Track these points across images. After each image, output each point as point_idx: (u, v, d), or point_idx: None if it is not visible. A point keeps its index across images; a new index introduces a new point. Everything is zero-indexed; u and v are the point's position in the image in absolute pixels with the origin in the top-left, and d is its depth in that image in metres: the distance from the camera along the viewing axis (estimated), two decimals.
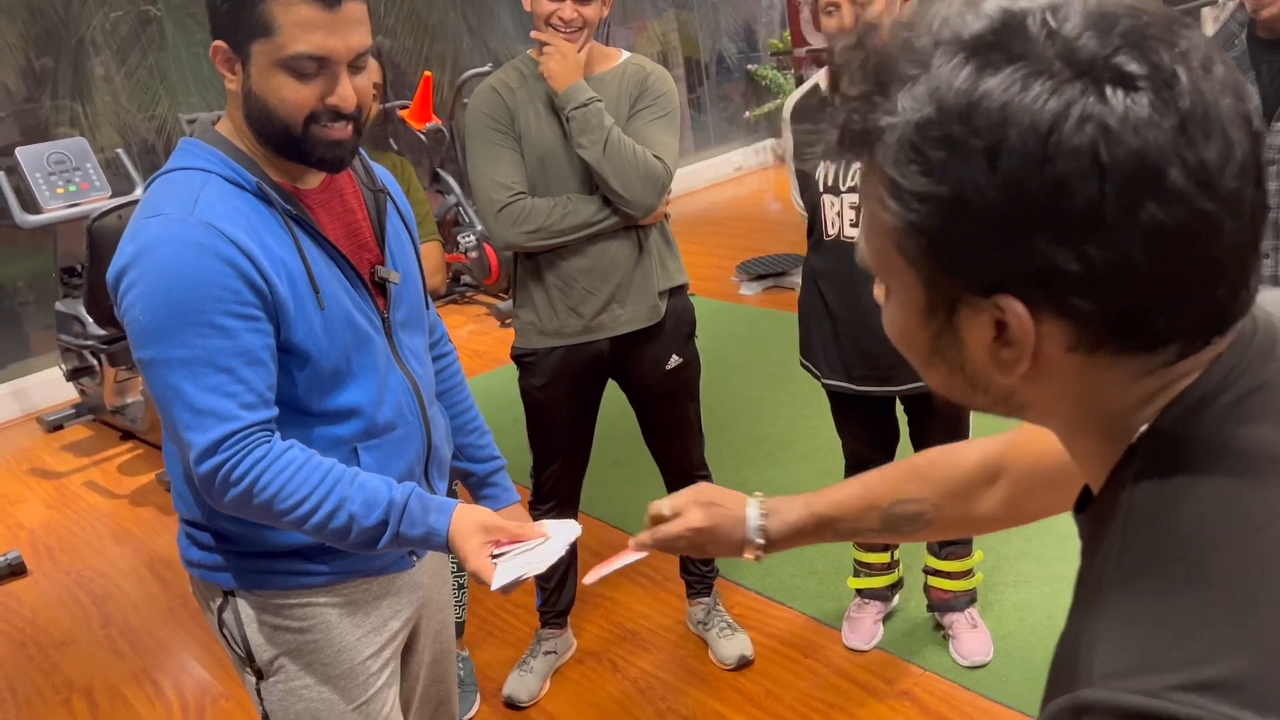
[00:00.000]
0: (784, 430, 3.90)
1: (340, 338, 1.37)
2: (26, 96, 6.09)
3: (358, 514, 1.30)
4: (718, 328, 5.07)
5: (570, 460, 2.54)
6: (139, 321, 1.23)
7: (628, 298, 2.36)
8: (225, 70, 1.31)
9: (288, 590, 1.45)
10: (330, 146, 1.32)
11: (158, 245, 1.23)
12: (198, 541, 1.45)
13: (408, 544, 1.35)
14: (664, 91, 2.34)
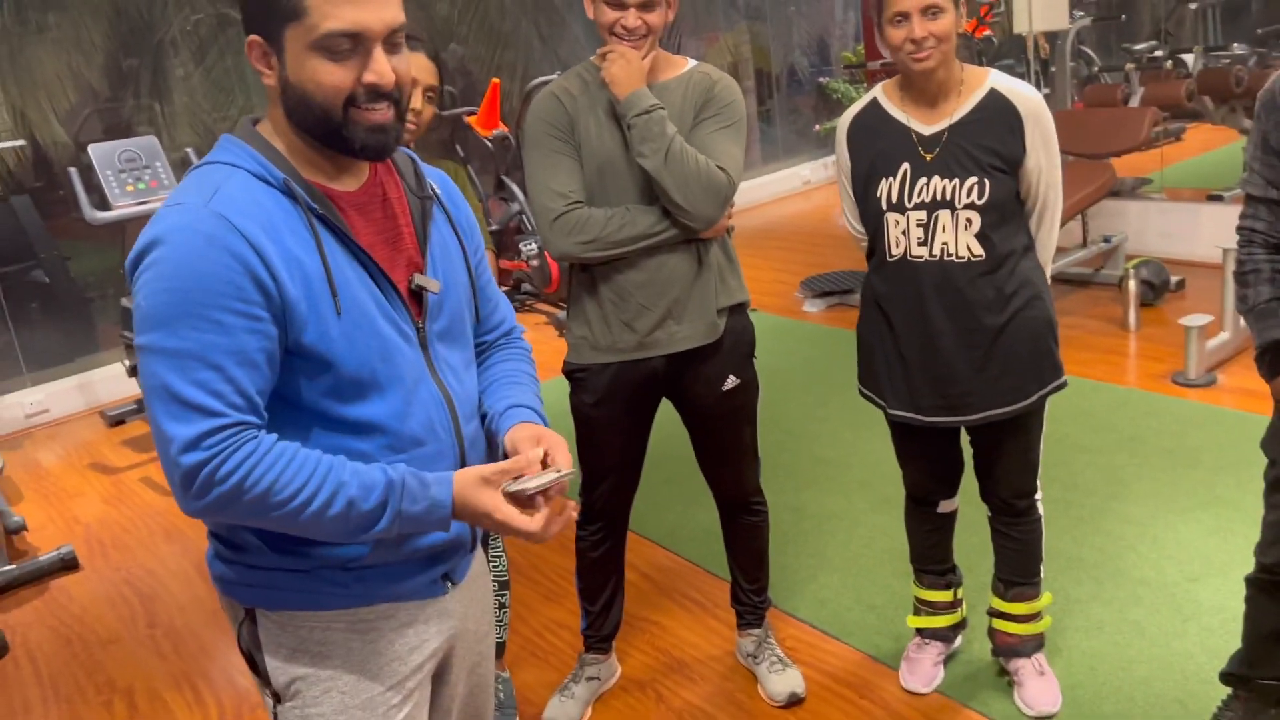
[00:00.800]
0: (843, 454, 3.76)
1: (362, 345, 1.30)
2: (110, 95, 6.20)
3: (356, 497, 1.24)
4: (779, 345, 4.95)
5: (620, 480, 2.45)
6: (141, 308, 1.21)
7: (685, 314, 2.27)
8: (262, 66, 1.28)
9: (308, 611, 1.38)
10: (372, 131, 1.28)
11: (170, 234, 1.20)
12: (221, 555, 1.39)
13: (413, 523, 1.29)
14: (730, 101, 2.25)
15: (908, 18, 2.00)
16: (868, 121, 2.20)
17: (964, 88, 2.10)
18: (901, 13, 2.01)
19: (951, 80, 2.10)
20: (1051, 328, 2.19)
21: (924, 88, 2.10)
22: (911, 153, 2.11)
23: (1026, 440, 2.24)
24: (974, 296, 2.11)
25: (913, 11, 1.99)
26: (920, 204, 2.11)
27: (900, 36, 2.02)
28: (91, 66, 6.02)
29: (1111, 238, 5.14)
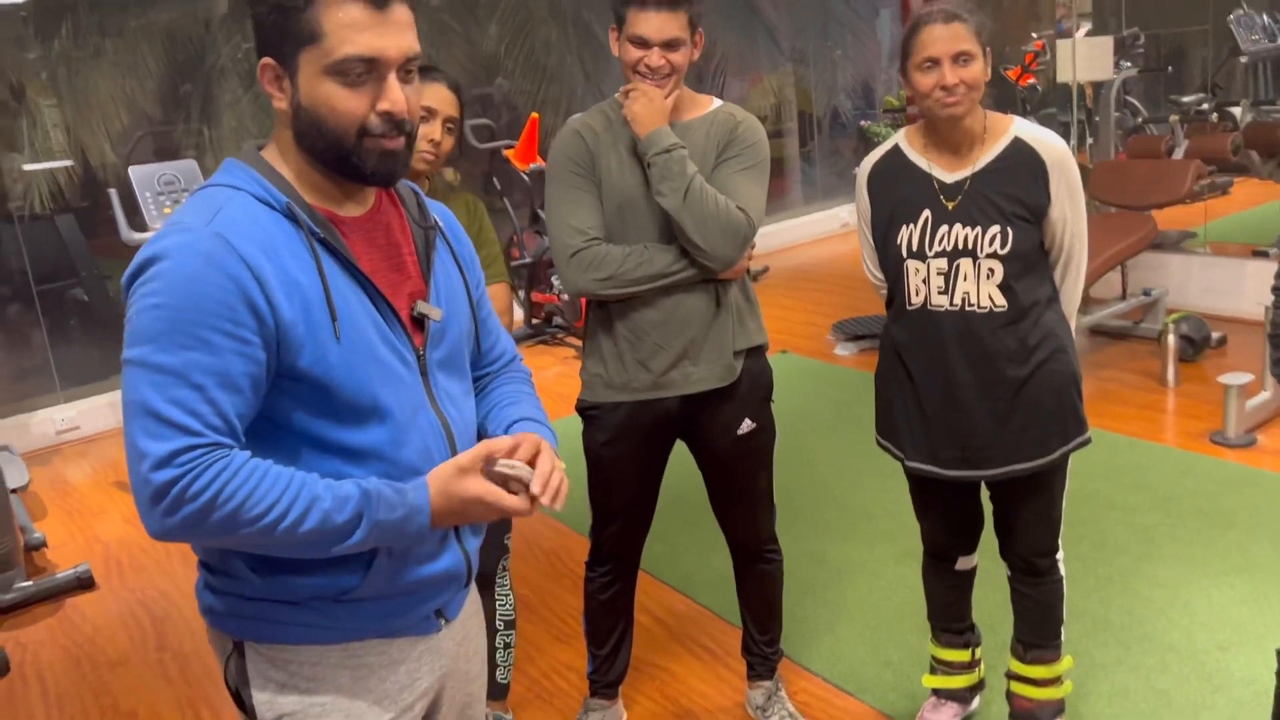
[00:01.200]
0: (868, 503, 3.69)
1: (361, 371, 1.28)
2: (162, 119, 6.32)
3: (330, 510, 1.21)
4: (809, 387, 4.89)
5: (631, 522, 2.40)
6: (131, 322, 1.19)
7: (701, 355, 2.23)
8: (274, 89, 1.27)
9: (298, 645, 1.34)
10: (384, 158, 1.28)
11: (169, 252, 1.19)
12: (211, 584, 1.36)
13: (392, 532, 1.25)
14: (754, 142, 2.22)
15: (938, 64, 1.97)
16: (889, 168, 2.16)
17: (988, 135, 2.06)
18: (932, 58, 1.98)
19: (976, 127, 2.06)
20: (1075, 382, 2.12)
21: (948, 135, 2.07)
22: (933, 200, 2.07)
23: (1048, 497, 2.17)
24: (996, 347, 2.06)
25: (943, 58, 1.96)
26: (941, 252, 2.06)
27: (930, 83, 1.98)
28: (145, 91, 6.14)
29: (1152, 291, 5.04)
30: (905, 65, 2.04)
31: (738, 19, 8.46)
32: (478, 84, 7.48)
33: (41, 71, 5.80)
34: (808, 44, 9.00)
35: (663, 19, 2.09)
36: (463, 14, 7.31)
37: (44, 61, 5.80)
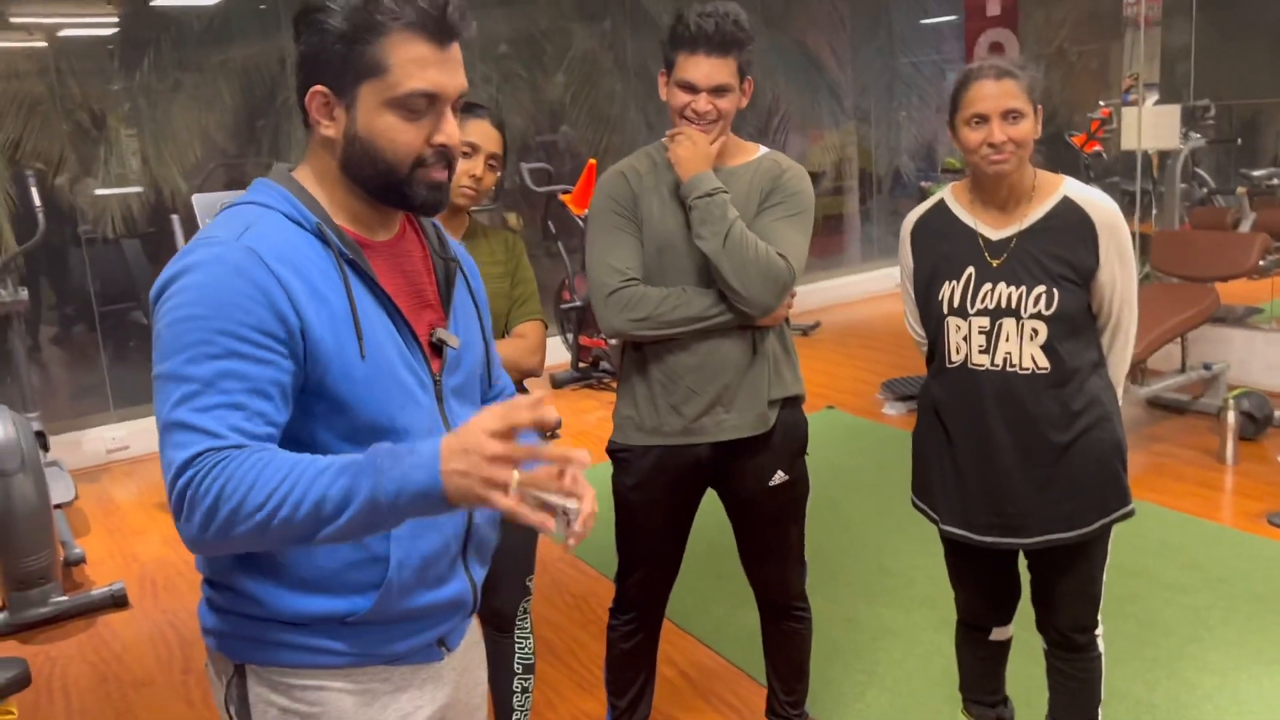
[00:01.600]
0: (908, 567, 3.59)
1: (382, 391, 1.28)
2: (236, 152, 6.49)
3: (329, 489, 1.11)
4: (854, 445, 4.80)
5: (655, 569, 2.36)
6: (161, 336, 1.19)
7: (735, 402, 2.19)
8: (322, 117, 1.28)
9: (301, 669, 1.32)
10: (432, 188, 1.31)
11: (198, 265, 1.20)
12: (215, 604, 1.34)
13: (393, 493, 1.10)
14: (797, 190, 2.20)
15: (986, 120, 1.94)
16: (933, 223, 2.13)
17: (1036, 193, 2.02)
18: (981, 114, 1.95)
19: (1024, 185, 2.02)
20: (1120, 452, 2.05)
21: (995, 191, 2.03)
22: (977, 257, 2.03)
23: (1088, 570, 2.09)
24: (1037, 411, 2.00)
25: (993, 115, 1.93)
26: (983, 310, 2.01)
27: (978, 139, 1.96)
28: (219, 124, 6.32)
29: (1213, 365, 4.90)
30: (954, 119, 2.01)
31: (801, 76, 8.51)
32: (542, 131, 7.59)
33: (124, 103, 6.00)
34: (871, 103, 9.02)
35: (712, 65, 2.09)
36: (530, 61, 7.44)
37: (126, 92, 6.00)
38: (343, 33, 1.24)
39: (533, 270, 2.35)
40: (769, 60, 8.27)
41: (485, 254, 2.27)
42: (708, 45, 2.08)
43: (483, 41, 7.06)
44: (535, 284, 2.34)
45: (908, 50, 9.15)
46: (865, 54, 8.92)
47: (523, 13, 7.24)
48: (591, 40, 7.49)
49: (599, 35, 7.50)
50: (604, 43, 7.52)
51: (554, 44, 7.44)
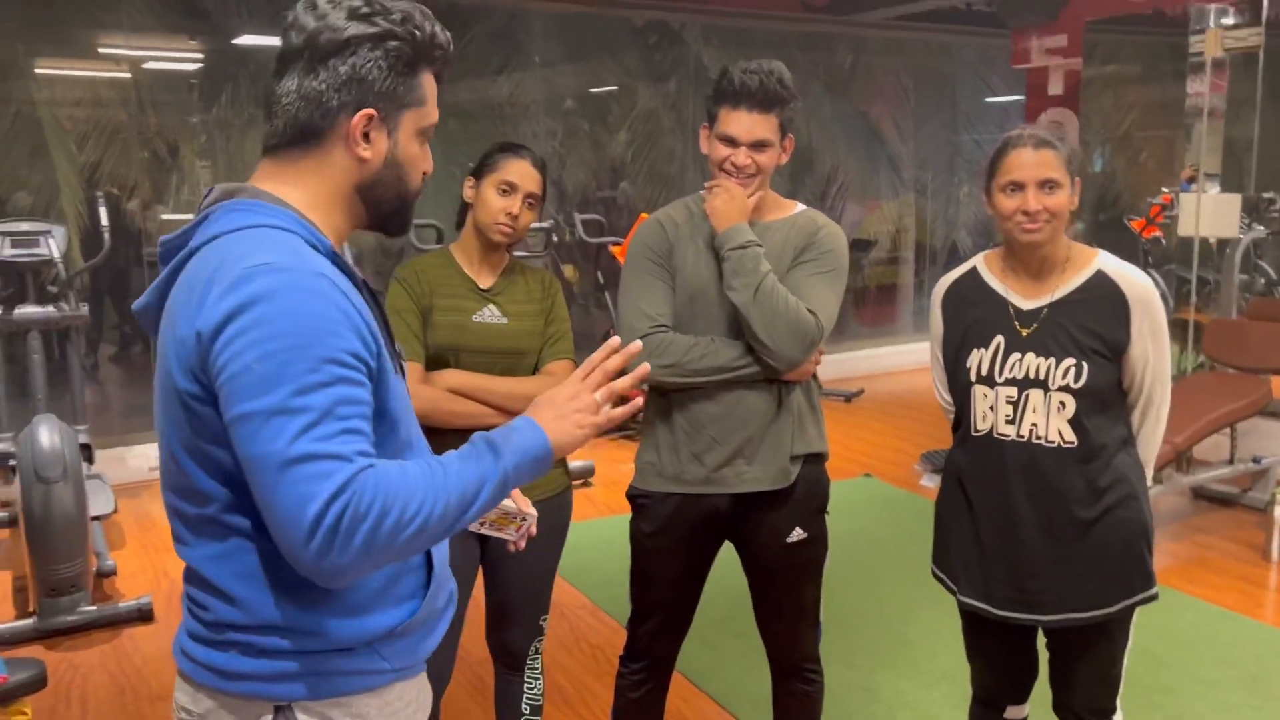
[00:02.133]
0: (931, 640, 3.52)
1: (404, 406, 1.32)
2: None
3: (465, 481, 1.20)
4: (887, 514, 4.74)
5: (668, 620, 2.34)
6: (252, 370, 1.11)
7: (757, 454, 2.19)
8: (360, 139, 1.26)
9: (353, 694, 1.29)
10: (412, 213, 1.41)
11: (273, 295, 1.13)
12: (257, 648, 1.26)
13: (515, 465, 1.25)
14: (832, 248, 2.21)
15: (1022, 188, 1.94)
16: (964, 290, 2.12)
17: (1069, 265, 2.01)
18: (1017, 182, 1.95)
19: (1057, 256, 2.01)
20: (1146, 533, 2.01)
21: (1027, 260, 2.02)
22: (1007, 326, 2.02)
23: (1109, 652, 2.04)
24: (1062, 485, 1.97)
25: (1029, 183, 1.93)
26: (1011, 380, 2.00)
27: (1012, 206, 1.95)
28: None
29: (1263, 459, 4.78)
30: (989, 185, 2.01)
31: (862, 146, 8.56)
32: (603, 186, 7.71)
33: (200, 135, 6.21)
34: (929, 176, 9.03)
35: (754, 120, 2.12)
36: (594, 118, 7.59)
37: (202, 125, 6.22)
38: (410, 61, 1.27)
39: (567, 311, 2.39)
40: (830, 129, 8.34)
41: (522, 291, 2.32)
42: (750, 101, 2.11)
43: (549, 96, 7.22)
44: (569, 324, 2.38)
45: (971, 127, 9.18)
46: (929, 128, 8.97)
47: (590, 70, 7.40)
48: (655, 100, 7.62)
49: (663, 95, 7.64)
50: (667, 103, 7.65)
51: (619, 103, 7.58)
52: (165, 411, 1.23)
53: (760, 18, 7.58)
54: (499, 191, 2.23)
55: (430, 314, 2.24)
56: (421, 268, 2.29)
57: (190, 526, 1.25)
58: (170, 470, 1.25)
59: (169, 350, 1.20)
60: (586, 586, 4.04)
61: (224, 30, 6.16)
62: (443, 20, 1.35)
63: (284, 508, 1.10)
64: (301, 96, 1.25)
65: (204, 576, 1.25)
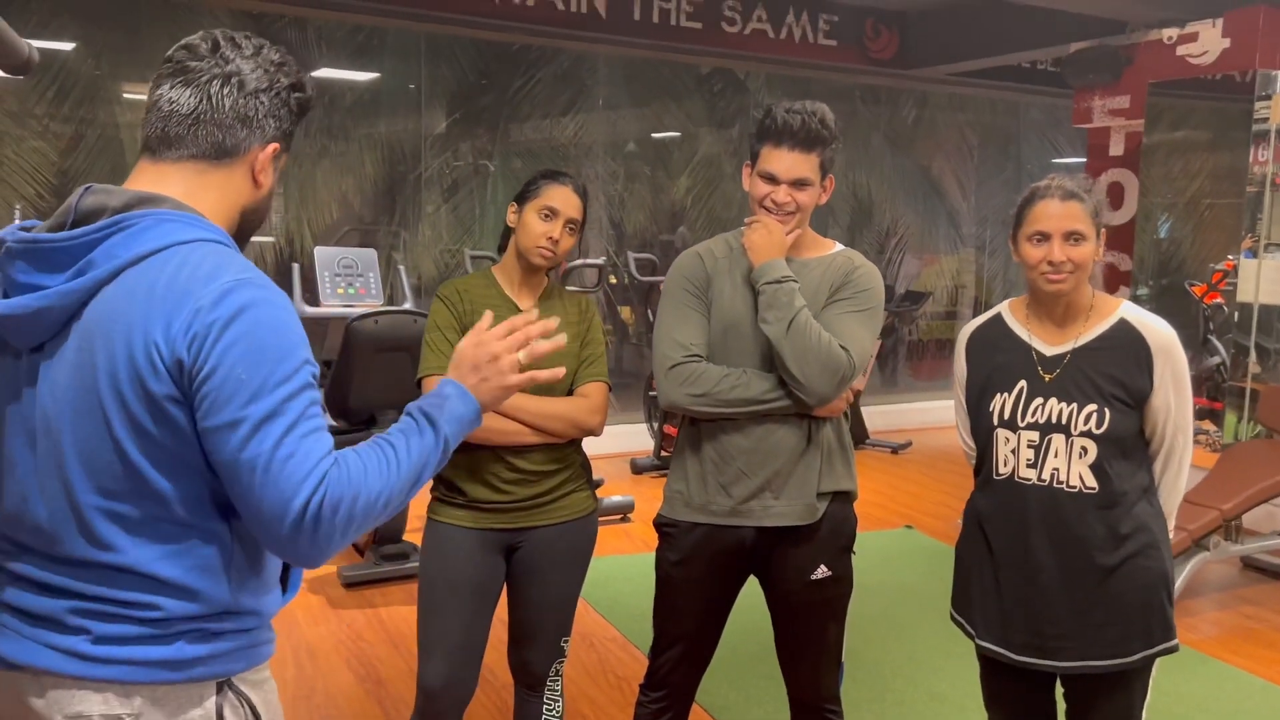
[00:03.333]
0: (961, 695, 3.48)
1: None
2: (370, 219, 6.87)
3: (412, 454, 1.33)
4: (926, 567, 4.70)
5: (690, 650, 2.36)
6: (239, 379, 1.20)
7: (784, 489, 2.21)
8: (264, 168, 1.36)
9: (264, 662, 1.40)
10: None
11: (256, 306, 1.23)
12: (208, 633, 1.32)
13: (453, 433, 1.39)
14: (868, 288, 2.25)
15: (1048, 238, 1.98)
16: (989, 335, 2.15)
17: (1093, 313, 2.03)
18: (1043, 233, 1.98)
19: (1081, 304, 2.03)
20: (1166, 583, 2.00)
21: (1052, 308, 2.06)
22: (1030, 371, 2.04)
23: (1126, 703, 2.02)
24: (1083, 531, 1.97)
25: (1055, 234, 1.97)
26: (1033, 424, 2.01)
27: (1038, 256, 1.99)
28: (358, 190, 6.71)
29: None
30: (1015, 233, 2.05)
31: (921, 200, 8.57)
32: (662, 230, 7.80)
33: None
34: (989, 234, 8.99)
35: (795, 158, 2.17)
36: (655, 162, 7.70)
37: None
38: (302, 112, 1.40)
39: (603, 334, 2.45)
40: (891, 182, 8.36)
41: (558, 314, 2.35)
42: (792, 140, 2.16)
43: (612, 139, 7.35)
44: (604, 348, 2.44)
45: None
46: (990, 186, 8.94)
47: (654, 115, 7.52)
48: (717, 146, 7.71)
49: (725, 142, 7.73)
50: (729, 149, 7.74)
51: (681, 148, 7.69)
52: (97, 417, 1.22)
53: (824, 69, 7.66)
54: (541, 216, 2.30)
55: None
56: (464, 287, 2.36)
57: (130, 529, 1.25)
58: (107, 474, 1.23)
59: (116, 355, 1.21)
60: (618, 619, 4.05)
61: (302, 63, 6.30)
62: (512, 62, 1.48)
63: (271, 503, 1.21)
64: (238, 118, 1.32)
65: (152, 576, 1.26)
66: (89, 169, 5.95)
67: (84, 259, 1.23)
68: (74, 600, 1.26)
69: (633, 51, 7.07)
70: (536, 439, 2.29)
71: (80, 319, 1.24)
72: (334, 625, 3.91)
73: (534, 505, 2.33)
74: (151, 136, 1.31)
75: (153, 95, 1.32)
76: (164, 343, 1.21)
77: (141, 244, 1.24)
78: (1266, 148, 5.28)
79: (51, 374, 1.25)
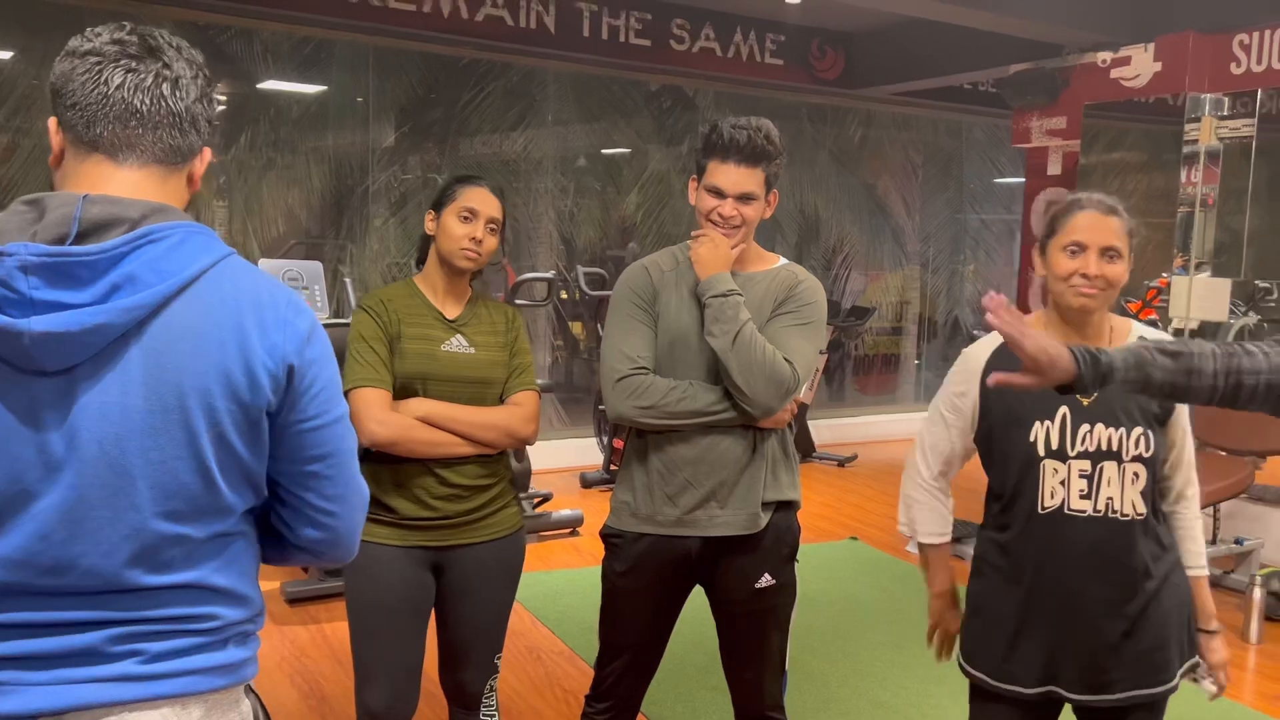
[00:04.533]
0: (905, 704, 3.53)
1: None
2: (317, 233, 6.82)
3: None
4: (871, 578, 4.76)
5: (636, 661, 2.37)
6: (333, 382, 1.33)
7: (729, 499, 2.24)
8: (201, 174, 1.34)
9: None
10: None
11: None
12: (247, 634, 1.33)
13: None
14: (811, 301, 2.29)
15: (1084, 250, 1.89)
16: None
17: (1114, 335, 1.98)
18: (1080, 244, 1.89)
19: (1103, 325, 1.98)
20: (1189, 599, 1.99)
21: (1077, 326, 1.96)
22: (1069, 396, 1.83)
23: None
24: (1132, 559, 1.91)
25: (1091, 246, 1.88)
26: (1084, 453, 1.92)
27: (1071, 267, 1.89)
28: (305, 204, 6.65)
29: (1244, 540, 4.80)
30: (1048, 242, 1.94)
31: (866, 217, 8.69)
32: (612, 245, 7.83)
33: (220, 175, 6.35)
34: (933, 251, 9.15)
35: (741, 173, 2.21)
36: (605, 178, 7.73)
37: (221, 166, 6.36)
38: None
39: (529, 344, 2.45)
40: (838, 199, 8.47)
41: (486, 323, 2.37)
42: (738, 154, 2.20)
43: (562, 154, 7.37)
44: (532, 356, 2.43)
45: (978, 206, 9.32)
46: (934, 204, 9.10)
47: (603, 131, 7.56)
48: (666, 162, 7.77)
49: (674, 158, 7.79)
50: (678, 165, 7.80)
51: (631, 164, 7.74)
52: (178, 437, 1.19)
53: (772, 87, 7.76)
54: (461, 219, 2.28)
55: (398, 342, 2.26)
56: (388, 297, 2.32)
57: (190, 550, 1.24)
58: (181, 496, 1.21)
59: (208, 372, 1.20)
60: (565, 633, 4.06)
61: (248, 75, 6.33)
62: (461, 76, 1.47)
63: (360, 490, 1.38)
64: (190, 122, 1.28)
65: (211, 587, 1.27)
66: (24, 179, 5.83)
67: (114, 273, 1.15)
68: (115, 629, 1.20)
69: (582, 68, 7.11)
70: (470, 450, 2.27)
71: (142, 337, 1.17)
72: (277, 641, 3.87)
73: (464, 522, 2.30)
74: (107, 137, 1.22)
75: (91, 87, 1.21)
76: (268, 353, 1.24)
77: (190, 259, 1.20)
78: (1196, 169, 5.45)
79: (101, 396, 1.16)
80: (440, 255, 2.32)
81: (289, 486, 1.33)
